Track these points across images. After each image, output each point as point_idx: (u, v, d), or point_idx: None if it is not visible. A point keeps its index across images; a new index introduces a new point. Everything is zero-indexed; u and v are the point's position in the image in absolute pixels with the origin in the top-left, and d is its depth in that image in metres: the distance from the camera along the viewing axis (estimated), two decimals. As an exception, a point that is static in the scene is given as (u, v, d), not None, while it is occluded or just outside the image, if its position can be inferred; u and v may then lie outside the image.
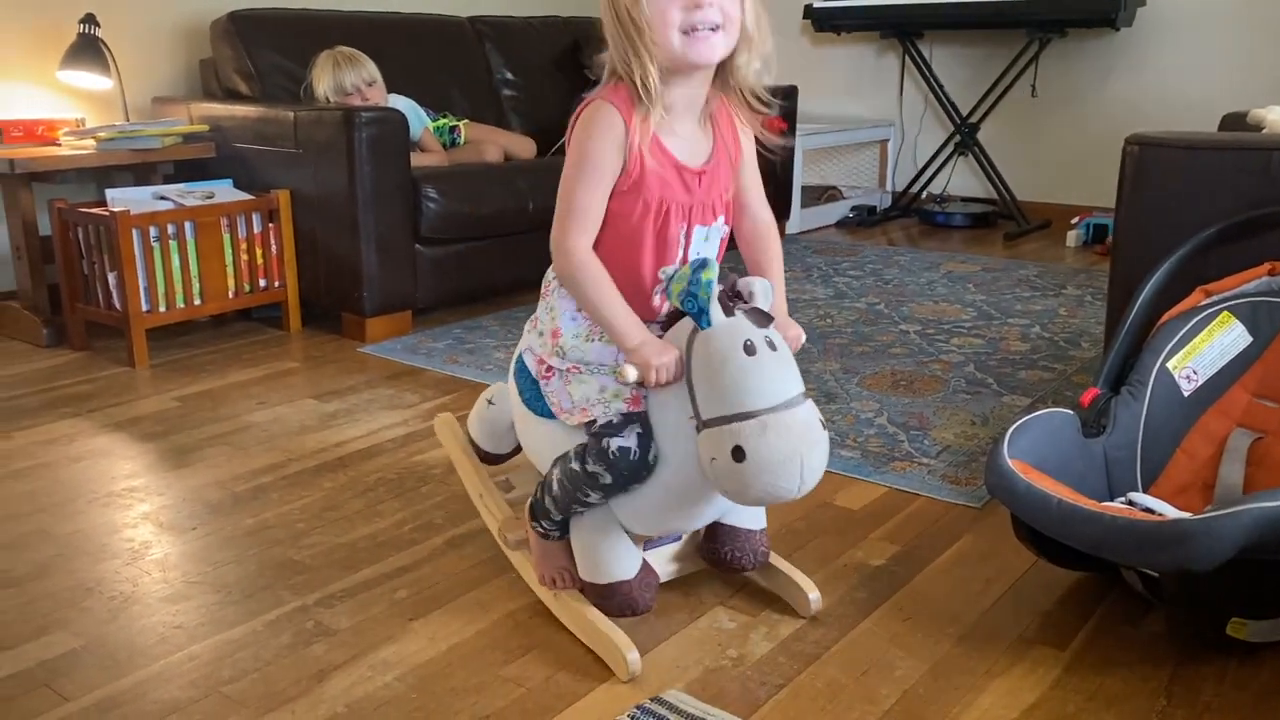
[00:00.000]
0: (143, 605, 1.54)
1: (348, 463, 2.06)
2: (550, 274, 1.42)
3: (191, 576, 1.62)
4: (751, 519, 1.50)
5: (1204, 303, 1.69)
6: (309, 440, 2.17)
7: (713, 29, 1.28)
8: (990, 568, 1.63)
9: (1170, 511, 1.40)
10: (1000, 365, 2.60)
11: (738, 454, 1.18)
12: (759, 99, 1.39)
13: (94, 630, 1.47)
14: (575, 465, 1.35)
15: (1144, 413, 1.63)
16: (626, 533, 1.41)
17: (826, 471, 1.94)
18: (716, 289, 1.25)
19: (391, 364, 2.69)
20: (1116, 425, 1.61)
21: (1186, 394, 1.65)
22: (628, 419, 1.31)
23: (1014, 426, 1.51)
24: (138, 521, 1.81)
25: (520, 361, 1.48)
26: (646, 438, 1.31)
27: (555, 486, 1.40)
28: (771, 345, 1.24)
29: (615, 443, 1.30)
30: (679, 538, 1.56)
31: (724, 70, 1.36)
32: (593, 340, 1.37)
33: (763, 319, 1.27)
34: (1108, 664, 1.38)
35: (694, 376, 1.24)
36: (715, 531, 1.49)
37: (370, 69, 3.13)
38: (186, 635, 1.46)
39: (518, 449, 1.69)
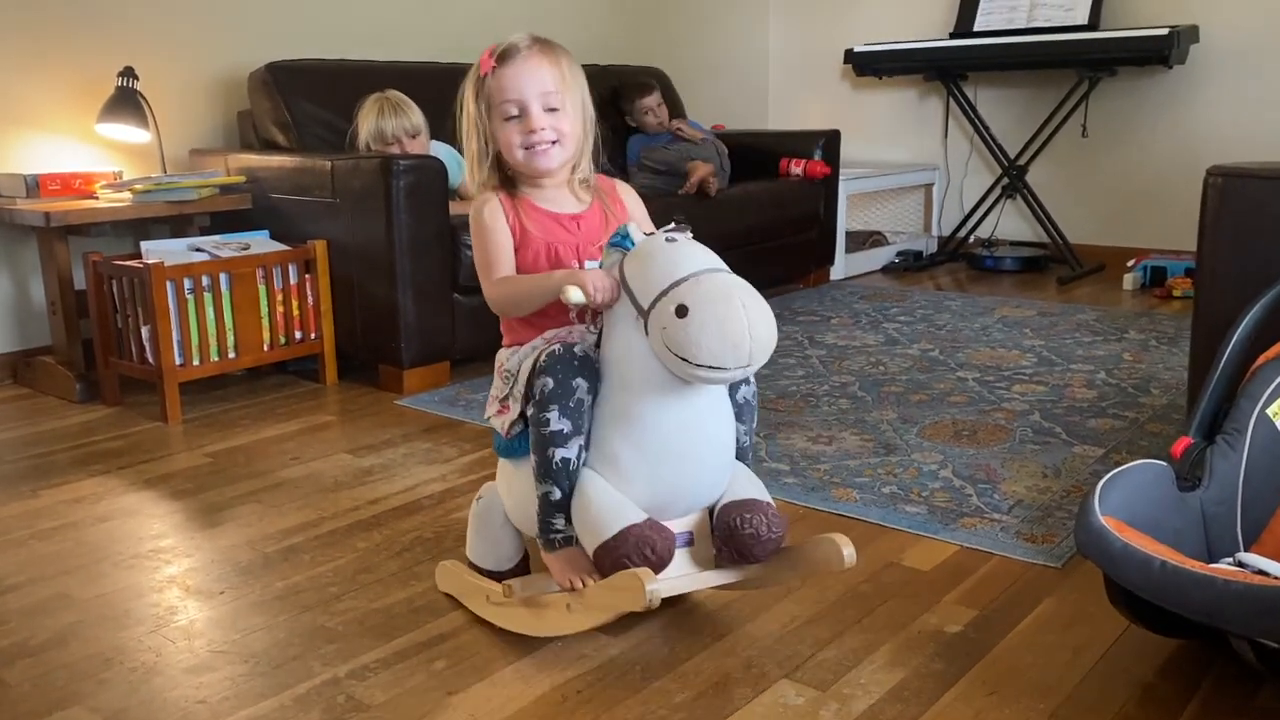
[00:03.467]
0: (165, 677, 1.44)
1: (383, 521, 1.96)
2: (500, 355, 1.55)
3: (218, 645, 1.52)
4: (754, 489, 1.45)
5: (1303, 344, 1.56)
6: (343, 497, 2.08)
7: (551, 143, 1.51)
8: (1078, 634, 1.49)
9: (1287, 574, 1.27)
10: (1067, 413, 2.47)
11: (681, 311, 1.24)
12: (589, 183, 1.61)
13: (113, 705, 1.37)
14: (531, 409, 1.39)
15: (1243, 464, 1.50)
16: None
17: (891, 529, 1.85)
18: (634, 226, 1.39)
19: (429, 416, 2.61)
20: (1214, 478, 1.48)
21: (1290, 443, 1.51)
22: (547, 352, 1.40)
23: (1104, 480, 1.38)
24: (164, 585, 1.72)
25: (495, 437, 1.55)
26: (570, 344, 1.38)
27: (533, 459, 1.40)
28: (690, 240, 1.36)
29: (542, 355, 1.39)
30: (690, 541, 1.45)
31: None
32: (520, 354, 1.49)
33: (678, 229, 1.39)
34: (1223, 746, 1.24)
35: (629, 280, 1.33)
36: (722, 511, 1.43)
37: (415, 119, 3.08)
38: (210, 711, 1.35)
39: (524, 561, 1.64)
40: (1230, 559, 1.37)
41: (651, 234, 1.40)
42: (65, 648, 1.52)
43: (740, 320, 1.24)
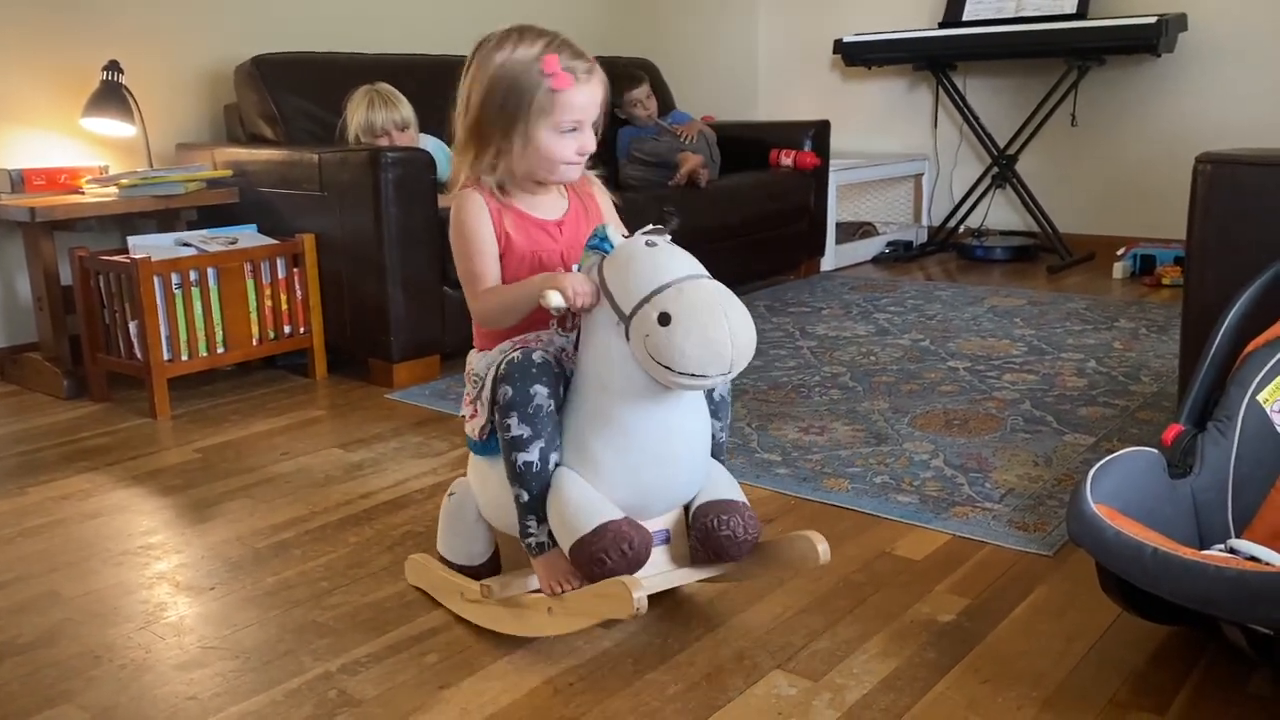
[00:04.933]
0: (155, 674, 1.43)
1: (374, 515, 1.95)
2: (470, 357, 1.55)
3: (208, 641, 1.51)
4: (730, 490, 1.45)
5: (1293, 330, 1.56)
6: (334, 492, 2.07)
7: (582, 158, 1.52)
8: (1071, 622, 1.49)
9: (1279, 560, 1.27)
10: (1058, 402, 2.47)
11: (663, 319, 1.25)
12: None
13: (102, 702, 1.36)
14: (496, 415, 1.38)
15: (1234, 450, 1.50)
16: None
17: (883, 518, 1.85)
18: (612, 229, 1.38)
19: (420, 410, 2.60)
20: (1205, 464, 1.48)
21: (1280, 429, 1.52)
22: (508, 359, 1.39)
23: (1096, 468, 1.38)
24: (153, 581, 1.71)
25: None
26: (530, 349, 1.38)
27: (504, 463, 1.39)
28: (670, 244, 1.35)
29: (502, 361, 1.40)
30: (666, 539, 1.46)
31: None
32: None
33: (657, 232, 1.38)
34: (1215, 732, 1.24)
35: (609, 287, 1.32)
36: (698, 513, 1.43)
37: (405, 111, 3.06)
38: (200, 707, 1.34)
39: (494, 557, 1.61)
40: (1222, 545, 1.37)
41: (629, 236, 1.38)
42: (54, 645, 1.51)
43: (723, 328, 1.24)
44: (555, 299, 1.33)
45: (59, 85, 3.00)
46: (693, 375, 1.25)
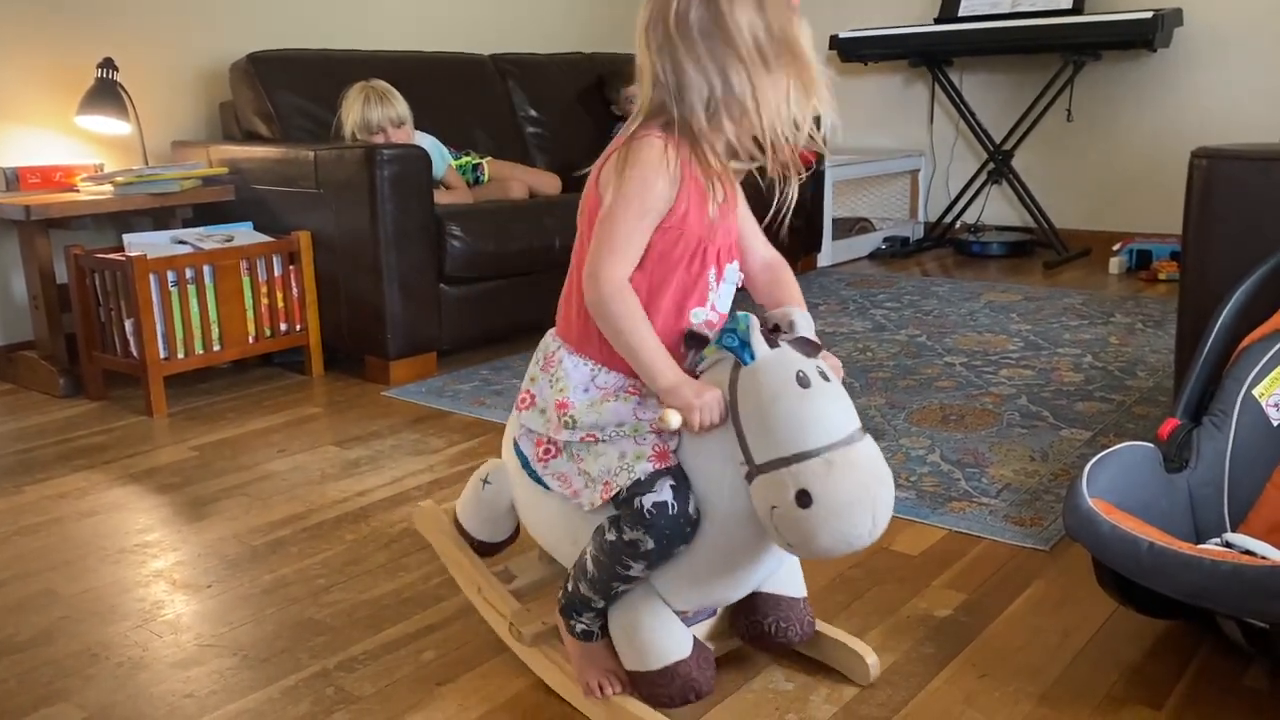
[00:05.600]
0: (152, 672, 1.43)
1: (371, 513, 1.95)
2: (551, 342, 1.30)
3: (205, 639, 1.51)
4: (793, 586, 1.34)
5: (1288, 324, 1.57)
6: (330, 489, 2.07)
7: None
8: (1067, 616, 1.50)
9: (1274, 554, 1.27)
10: (1054, 397, 2.47)
11: (803, 499, 1.05)
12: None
13: (99, 700, 1.36)
14: (611, 535, 1.18)
15: (1230, 445, 1.50)
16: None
17: (881, 514, 1.84)
18: (756, 322, 1.14)
19: (416, 408, 2.59)
20: (1200, 459, 1.48)
21: (1276, 423, 1.52)
22: (657, 475, 1.16)
23: (1092, 463, 1.38)
24: (150, 579, 1.71)
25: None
26: (683, 489, 1.16)
27: (590, 566, 1.22)
28: (824, 376, 1.13)
29: (649, 499, 1.15)
30: (714, 613, 1.37)
31: None
32: (608, 402, 1.22)
33: (810, 348, 1.16)
34: (1211, 725, 1.24)
35: (741, 418, 1.11)
36: (754, 604, 1.32)
37: (400, 108, 3.06)
38: (197, 705, 1.34)
39: (515, 535, 1.51)
40: (1218, 539, 1.38)
41: (778, 344, 1.14)
42: (51, 644, 1.51)
43: (866, 523, 1.07)
44: (674, 421, 1.14)
45: (54, 83, 3.00)
46: (813, 555, 1.11)
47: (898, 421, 2.33)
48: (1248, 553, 1.28)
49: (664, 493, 1.15)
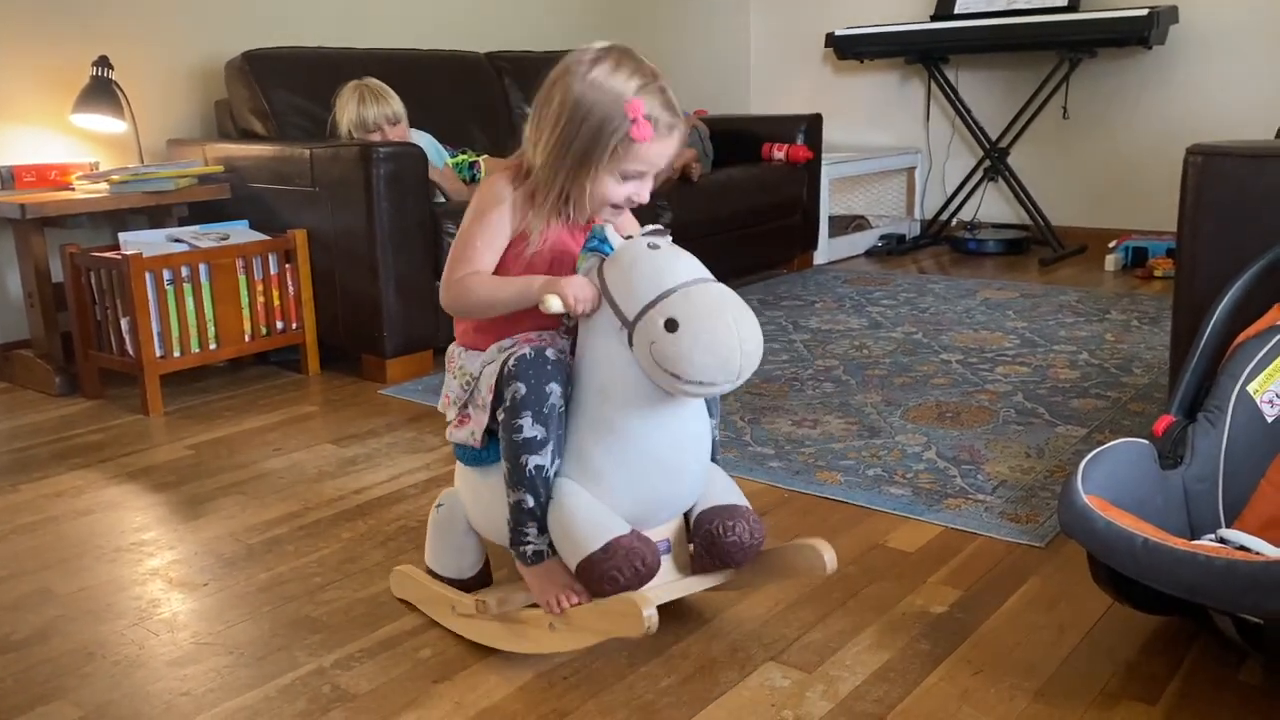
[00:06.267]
0: (148, 670, 1.43)
1: (367, 510, 1.95)
2: (451, 350, 1.48)
3: (201, 637, 1.51)
4: (732, 494, 1.41)
5: (1283, 321, 1.57)
6: (327, 487, 2.07)
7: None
8: (1062, 613, 1.50)
9: (1269, 550, 1.27)
10: (1050, 394, 2.47)
11: (670, 325, 1.21)
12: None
13: (96, 699, 1.36)
14: (502, 414, 1.33)
15: (1224, 441, 1.50)
16: None
17: (876, 511, 1.85)
18: (610, 227, 1.34)
19: (413, 406, 2.59)
20: (1195, 455, 1.49)
21: (1270, 419, 1.52)
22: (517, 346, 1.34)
23: (1087, 459, 1.39)
24: (146, 578, 1.71)
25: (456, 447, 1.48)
26: (541, 347, 1.32)
27: (506, 466, 1.33)
28: (673, 246, 1.31)
29: (510, 358, 1.32)
30: (668, 548, 1.41)
31: None
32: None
33: (658, 233, 1.34)
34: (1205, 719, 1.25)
35: (610, 289, 1.28)
36: (701, 519, 1.39)
37: (396, 106, 3.05)
38: (194, 703, 1.34)
39: (486, 570, 1.57)
40: (1212, 535, 1.38)
41: (630, 237, 1.34)
42: (47, 642, 1.51)
43: (732, 335, 1.21)
44: (555, 304, 1.28)
45: (49, 81, 2.99)
46: (700, 383, 1.22)
47: (894, 419, 2.33)
48: (1242, 548, 1.29)
49: (521, 349, 1.32)
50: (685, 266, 1.27)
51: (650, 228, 1.36)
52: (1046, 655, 1.40)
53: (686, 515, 1.43)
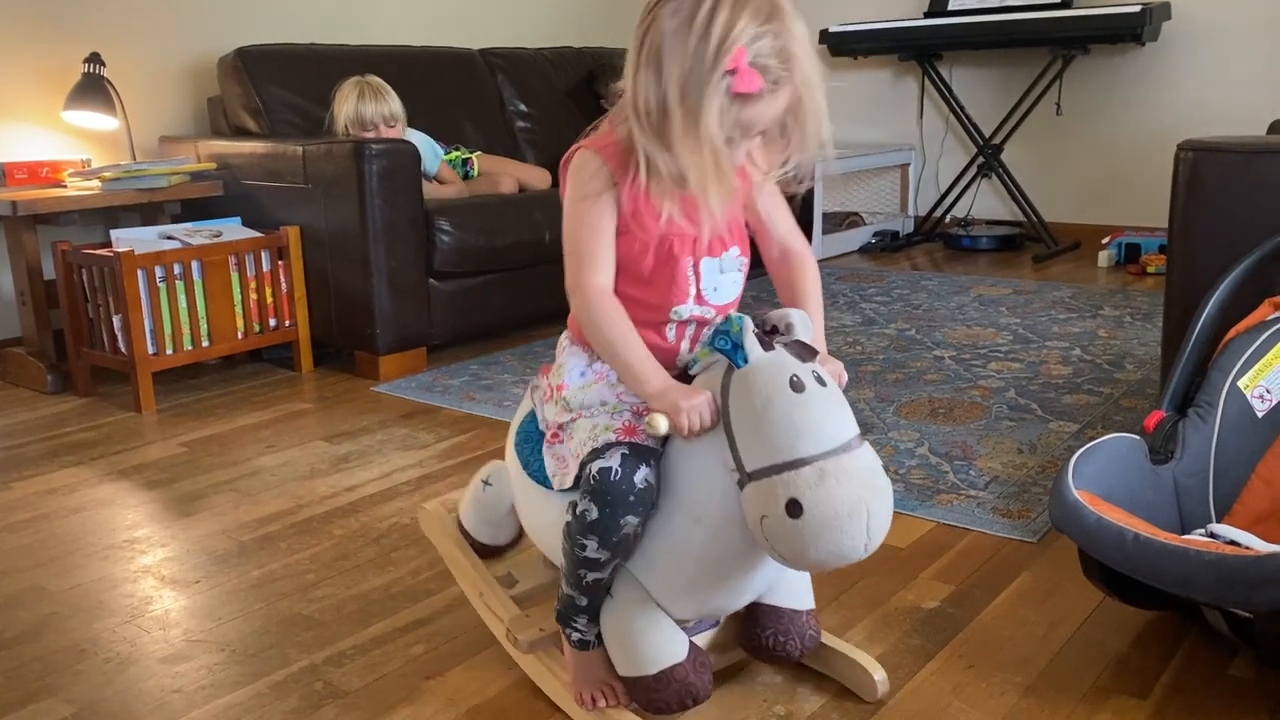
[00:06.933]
0: (140, 667, 1.43)
1: (360, 508, 1.95)
2: (564, 336, 1.30)
3: (193, 634, 1.51)
4: (797, 598, 1.30)
5: (1273, 316, 1.57)
6: (320, 485, 2.07)
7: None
8: (1054, 608, 1.50)
9: (1258, 544, 1.28)
10: (1043, 390, 2.48)
11: (793, 508, 1.01)
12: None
13: (87, 696, 1.36)
14: (568, 515, 1.18)
15: (1215, 436, 1.51)
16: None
17: (869, 507, 1.85)
18: (750, 324, 1.10)
19: (406, 403, 2.59)
20: (1186, 450, 1.49)
21: (1261, 414, 1.53)
22: (613, 445, 1.15)
23: (1078, 454, 1.39)
24: (138, 575, 1.71)
25: (521, 432, 1.33)
26: (635, 460, 1.13)
27: (563, 558, 1.21)
28: (820, 381, 1.08)
29: (596, 465, 1.13)
30: (716, 624, 1.35)
31: None
32: (598, 385, 1.22)
33: (806, 352, 1.11)
34: (1197, 714, 1.25)
35: (733, 422, 1.08)
36: (755, 614, 1.29)
37: (394, 106, 3.04)
38: (185, 700, 1.34)
39: (518, 538, 1.49)
40: (1202, 530, 1.39)
41: (773, 348, 1.10)
42: (39, 640, 1.51)
43: (859, 536, 1.02)
44: (662, 426, 1.11)
45: (40, 78, 2.98)
46: (805, 568, 1.08)
47: (887, 415, 2.33)
48: (1232, 543, 1.29)
49: (612, 459, 1.13)
50: (829, 428, 1.05)
51: (795, 338, 1.14)
52: (1038, 650, 1.40)
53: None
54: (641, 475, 1.13)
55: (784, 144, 1.18)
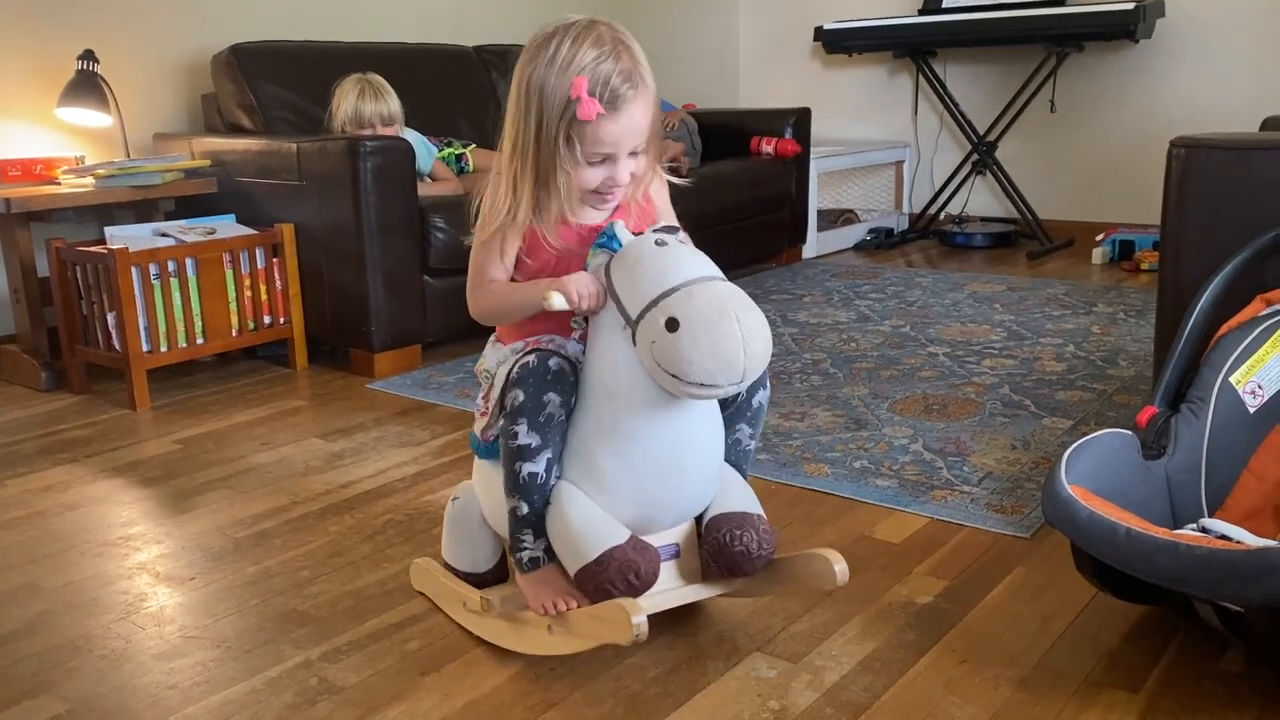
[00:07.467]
0: (135, 664, 1.43)
1: (355, 504, 1.95)
2: (485, 350, 1.46)
3: (189, 631, 1.51)
4: (747, 504, 1.37)
5: (1265, 312, 1.58)
6: (315, 482, 2.07)
7: (621, 188, 1.35)
8: (1047, 603, 1.51)
9: (1250, 539, 1.28)
10: (1036, 386, 2.49)
11: (671, 325, 1.17)
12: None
13: (82, 693, 1.36)
14: (501, 421, 1.31)
15: (1207, 431, 1.51)
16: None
17: (863, 503, 1.86)
18: (622, 223, 1.30)
19: (401, 400, 2.59)
20: (1178, 446, 1.50)
21: (1252, 410, 1.53)
22: (526, 353, 1.31)
23: (1070, 450, 1.40)
24: (133, 572, 1.71)
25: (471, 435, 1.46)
26: (546, 354, 1.28)
27: (503, 471, 1.32)
28: (681, 243, 1.28)
29: (515, 364, 1.30)
30: (676, 553, 1.39)
31: None
32: (505, 348, 1.39)
33: (669, 230, 1.32)
34: (1188, 708, 1.26)
35: (616, 287, 1.25)
36: (710, 523, 1.36)
37: (393, 106, 3.03)
38: (181, 696, 1.35)
39: (501, 563, 1.53)
40: (1194, 525, 1.39)
41: (640, 234, 1.30)
42: (34, 637, 1.51)
43: (735, 336, 1.16)
44: (557, 300, 1.25)
45: (33, 75, 2.98)
46: (702, 385, 1.17)
47: (881, 411, 2.34)
48: (1223, 538, 1.30)
49: (527, 355, 1.29)
50: (691, 264, 1.23)
51: (661, 224, 1.34)
52: (1031, 644, 1.40)
53: (699, 519, 1.39)
54: (555, 360, 1.28)
55: (662, 146, 1.40)
